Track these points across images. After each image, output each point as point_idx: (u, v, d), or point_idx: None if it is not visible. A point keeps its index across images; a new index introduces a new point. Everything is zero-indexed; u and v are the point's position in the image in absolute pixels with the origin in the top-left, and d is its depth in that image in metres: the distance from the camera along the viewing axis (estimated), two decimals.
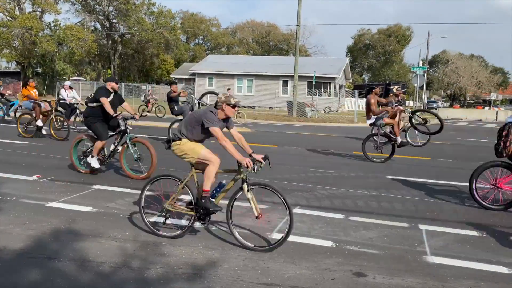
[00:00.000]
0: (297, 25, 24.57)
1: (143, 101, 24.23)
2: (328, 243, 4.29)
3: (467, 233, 4.80)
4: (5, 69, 61.38)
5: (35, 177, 6.78)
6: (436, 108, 48.56)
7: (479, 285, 3.47)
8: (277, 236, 4.43)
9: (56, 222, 4.64)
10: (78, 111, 12.47)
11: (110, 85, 7.10)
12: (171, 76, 48.75)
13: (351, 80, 50.81)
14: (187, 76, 41.92)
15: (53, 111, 11.74)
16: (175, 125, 11.78)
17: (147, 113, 21.48)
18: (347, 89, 48.23)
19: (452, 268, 3.80)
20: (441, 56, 72.12)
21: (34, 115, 11.71)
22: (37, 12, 39.47)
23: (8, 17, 37.09)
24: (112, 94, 7.08)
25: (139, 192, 6.06)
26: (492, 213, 5.69)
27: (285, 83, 36.67)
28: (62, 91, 12.84)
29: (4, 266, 3.53)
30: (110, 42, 53.62)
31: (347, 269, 3.67)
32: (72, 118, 13.05)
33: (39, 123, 11.60)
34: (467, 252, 4.22)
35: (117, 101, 7.20)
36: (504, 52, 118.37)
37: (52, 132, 11.54)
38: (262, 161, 4.13)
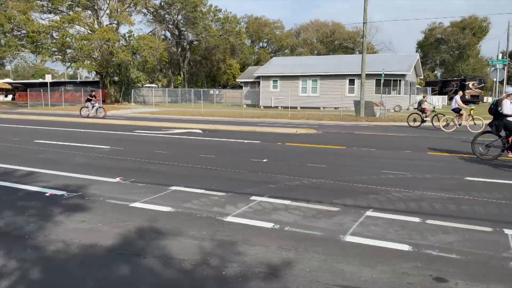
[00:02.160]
0: (363, 23, 24.00)
1: (416, 108, 20.43)
2: (405, 247, 4.17)
3: None
4: (85, 79, 66.50)
5: (118, 179, 7.31)
6: None
7: None
8: (350, 239, 4.40)
9: (140, 221, 4.98)
10: None
11: None
12: (237, 80, 49.81)
13: (422, 77, 48.50)
14: (252, 80, 42.61)
15: None
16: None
17: (422, 123, 18.76)
18: (418, 86, 46.10)
19: None
20: None
21: None
22: (114, 25, 42.33)
23: (88, 31, 40.17)
24: None
25: (214, 193, 6.31)
26: None
27: (352, 82, 35.94)
28: (507, 102, 9.37)
29: (97, 261, 3.87)
30: (179, 49, 56.05)
31: (426, 274, 3.55)
32: None
33: None
34: None
35: None
36: None
37: None
38: None
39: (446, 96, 50.98)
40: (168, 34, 56.82)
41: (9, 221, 4.98)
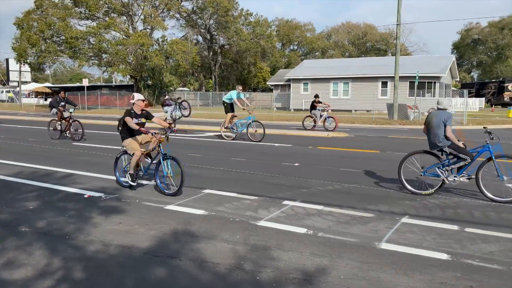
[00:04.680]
0: (397, 24, 23.54)
1: None
2: (443, 256, 4.06)
3: None
4: (120, 83, 68.34)
5: (153, 181, 7.46)
6: None
7: None
8: (385, 246, 4.32)
9: (174, 224, 5.07)
10: None
11: None
12: (267, 83, 49.88)
13: (458, 79, 47.04)
14: (282, 83, 42.52)
15: None
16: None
17: None
18: (453, 88, 44.75)
19: None
20: None
21: None
22: (148, 30, 43.29)
23: (123, 36, 41.28)
24: None
25: (246, 196, 6.33)
26: None
27: (384, 84, 35.28)
28: None
29: (134, 262, 3.96)
30: (211, 53, 56.73)
31: (467, 285, 3.44)
32: None
33: None
34: None
35: None
36: None
37: None
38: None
39: (484, 98, 49.22)
40: (200, 38, 57.67)
41: (51, 221, 5.18)
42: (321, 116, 17.95)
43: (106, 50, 39.81)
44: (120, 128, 7.02)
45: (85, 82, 38.66)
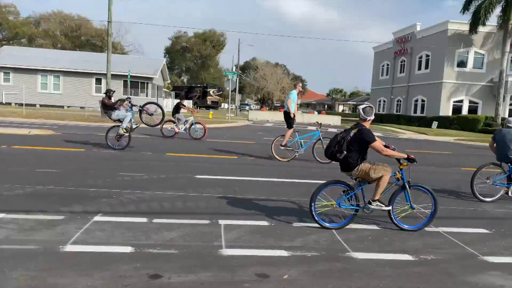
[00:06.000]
0: (108, 22, 23.39)
1: None
2: (128, 249, 4.19)
3: (259, 223, 5.35)
4: None
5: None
6: (247, 111, 52.86)
7: (262, 270, 3.90)
8: (71, 248, 4.12)
9: None
10: None
11: None
12: None
13: (169, 81, 51.07)
14: None
15: None
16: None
17: None
18: (166, 90, 48.31)
19: (242, 258, 4.17)
20: (252, 62, 78.94)
21: None
22: None
23: None
24: None
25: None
26: (281, 205, 6.48)
27: (99, 81, 34.57)
28: None
29: None
30: None
31: (144, 273, 3.65)
32: None
33: None
34: (257, 241, 4.70)
35: None
36: (302, 62, 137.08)
37: None
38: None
39: (191, 100, 55.35)
40: None
41: None
42: (186, 121, 15.49)
43: None
44: (343, 153, 5.28)
45: None
